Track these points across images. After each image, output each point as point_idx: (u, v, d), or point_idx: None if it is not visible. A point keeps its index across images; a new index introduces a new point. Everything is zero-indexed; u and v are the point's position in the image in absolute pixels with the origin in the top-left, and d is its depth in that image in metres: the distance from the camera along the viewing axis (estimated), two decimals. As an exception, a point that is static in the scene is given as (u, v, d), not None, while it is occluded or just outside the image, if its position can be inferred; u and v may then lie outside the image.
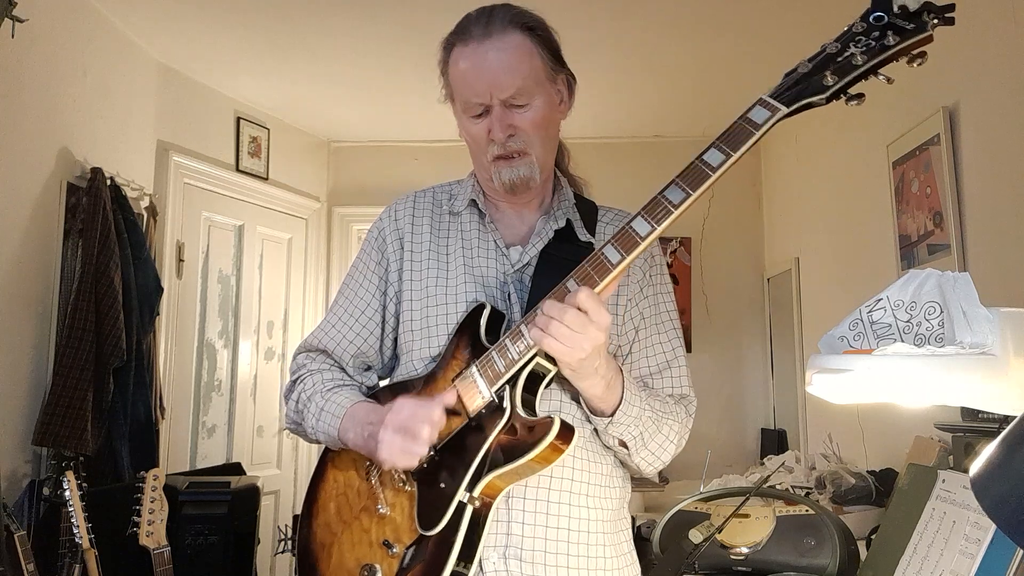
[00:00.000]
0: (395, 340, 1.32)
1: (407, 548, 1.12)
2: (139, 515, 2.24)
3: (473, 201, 1.32)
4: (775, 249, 4.18)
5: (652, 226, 1.03)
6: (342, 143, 4.63)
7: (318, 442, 1.28)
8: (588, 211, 1.32)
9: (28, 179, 2.60)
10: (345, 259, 4.62)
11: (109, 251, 2.78)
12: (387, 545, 1.14)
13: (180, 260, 3.61)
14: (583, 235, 1.27)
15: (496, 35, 1.19)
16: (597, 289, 1.05)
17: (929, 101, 2.35)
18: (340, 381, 1.31)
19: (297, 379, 1.33)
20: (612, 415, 1.14)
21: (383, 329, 1.33)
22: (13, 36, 2.11)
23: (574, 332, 1.02)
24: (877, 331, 1.04)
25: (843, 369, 0.98)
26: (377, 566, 1.14)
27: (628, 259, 1.04)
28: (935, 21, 0.93)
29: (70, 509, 2.21)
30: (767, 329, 4.24)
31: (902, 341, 1.00)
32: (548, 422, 1.07)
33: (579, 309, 1.03)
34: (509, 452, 1.08)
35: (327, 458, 1.30)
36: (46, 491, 2.43)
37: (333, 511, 1.24)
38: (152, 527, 2.24)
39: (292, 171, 4.33)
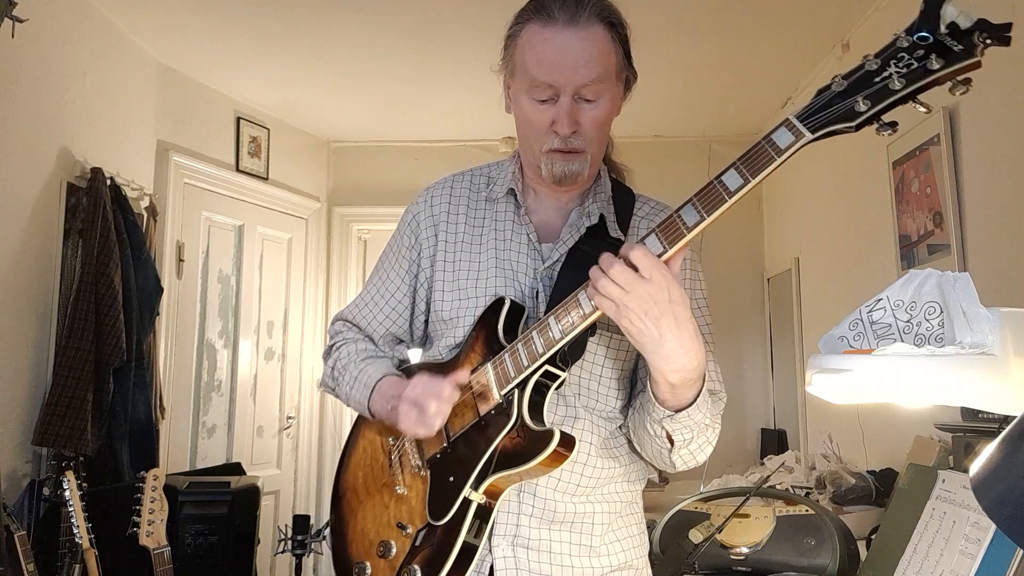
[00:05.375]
0: (426, 322, 1.35)
1: (419, 531, 1.17)
2: (139, 515, 2.24)
3: (511, 190, 1.31)
4: (775, 249, 4.18)
5: (665, 248, 1.01)
6: (342, 143, 4.63)
7: (349, 406, 1.35)
8: (624, 203, 1.30)
9: (28, 179, 2.60)
10: (345, 259, 4.62)
11: (109, 251, 2.78)
12: (401, 527, 1.21)
13: (180, 260, 3.61)
14: (614, 231, 1.26)
15: (583, 25, 1.17)
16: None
17: (929, 101, 2.34)
18: (373, 352, 1.37)
19: (334, 345, 1.41)
20: (676, 412, 1.09)
21: (412, 311, 1.36)
22: (13, 36, 2.11)
23: (645, 312, 0.99)
24: (877, 331, 1.04)
25: (843, 369, 0.98)
26: (393, 543, 1.21)
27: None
28: (987, 42, 0.83)
29: (70, 509, 2.21)
30: (767, 329, 4.24)
31: (902, 341, 1.00)
32: (548, 434, 1.08)
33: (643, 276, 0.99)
34: (514, 457, 1.10)
35: (359, 425, 1.37)
36: (46, 491, 2.43)
37: (360, 479, 1.32)
38: (152, 527, 2.24)
39: (292, 171, 4.33)
